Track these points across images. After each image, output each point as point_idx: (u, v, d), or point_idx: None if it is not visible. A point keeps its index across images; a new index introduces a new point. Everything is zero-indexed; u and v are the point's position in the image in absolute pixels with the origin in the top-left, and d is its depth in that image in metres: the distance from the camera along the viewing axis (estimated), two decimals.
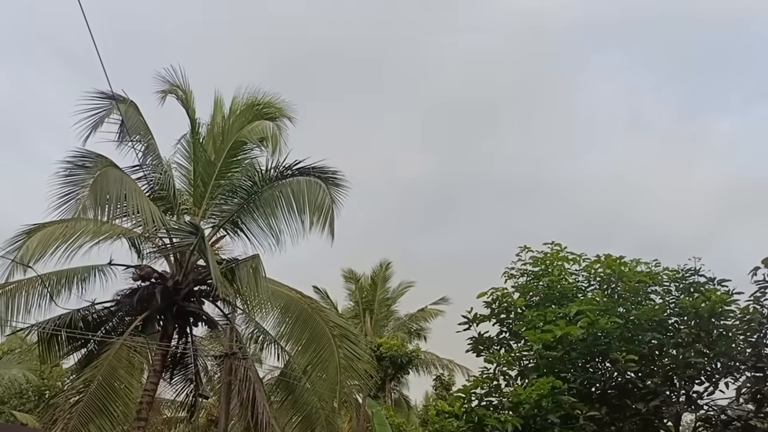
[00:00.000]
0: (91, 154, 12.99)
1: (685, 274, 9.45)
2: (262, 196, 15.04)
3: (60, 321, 13.79)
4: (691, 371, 8.38)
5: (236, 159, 15.90)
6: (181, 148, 16.21)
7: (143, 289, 14.49)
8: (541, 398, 7.96)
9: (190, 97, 15.96)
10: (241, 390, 13.94)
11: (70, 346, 14.60)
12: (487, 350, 10.02)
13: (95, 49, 7.11)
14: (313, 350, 14.89)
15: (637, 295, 9.37)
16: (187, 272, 14.64)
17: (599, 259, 10.06)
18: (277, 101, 16.76)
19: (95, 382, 12.93)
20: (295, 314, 15.21)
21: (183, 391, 16.62)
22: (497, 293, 10.15)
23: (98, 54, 7.32)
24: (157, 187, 14.98)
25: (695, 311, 8.48)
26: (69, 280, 14.26)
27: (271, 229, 15.33)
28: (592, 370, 9.08)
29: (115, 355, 13.43)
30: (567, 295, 9.80)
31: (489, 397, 9.24)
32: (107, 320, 14.79)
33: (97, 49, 7.12)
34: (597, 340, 8.64)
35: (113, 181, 12.51)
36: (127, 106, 14.34)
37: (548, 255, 10.47)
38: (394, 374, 27.69)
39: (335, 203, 14.85)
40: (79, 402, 12.79)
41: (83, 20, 6.68)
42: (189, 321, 15.39)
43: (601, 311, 8.69)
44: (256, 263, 13.51)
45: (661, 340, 8.62)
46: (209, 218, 15.51)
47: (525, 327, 9.35)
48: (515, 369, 9.47)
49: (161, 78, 15.75)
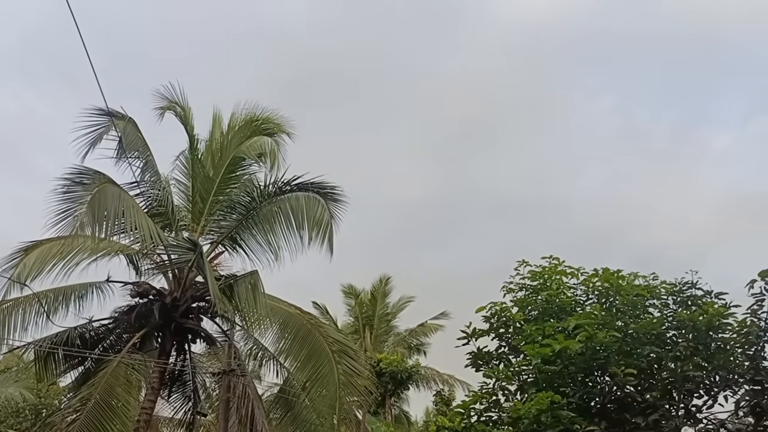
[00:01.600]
0: (89, 170, 13.04)
1: (682, 287, 9.41)
2: (260, 212, 15.08)
3: (57, 339, 13.75)
4: (689, 385, 8.33)
5: (235, 175, 15.96)
6: (179, 164, 16.29)
7: (141, 306, 14.47)
8: (540, 413, 7.90)
9: (188, 114, 16.05)
10: (240, 407, 13.85)
11: (67, 364, 14.55)
12: (486, 365, 9.96)
13: (90, 65, 7.18)
14: (312, 366, 14.84)
15: (635, 308, 9.34)
16: (186, 289, 14.63)
17: (597, 273, 10.05)
18: (276, 117, 16.86)
19: (92, 400, 12.88)
20: (294, 330, 15.18)
21: (181, 409, 16.55)
22: (496, 308, 10.11)
23: (93, 70, 7.39)
24: (156, 203, 15.02)
25: (693, 324, 8.45)
26: (66, 298, 14.25)
27: (269, 245, 15.36)
28: (591, 384, 9.02)
29: (113, 372, 13.38)
30: (565, 309, 9.76)
31: (488, 412, 9.18)
32: (105, 337, 14.76)
33: (92, 64, 7.20)
34: (596, 354, 8.60)
35: (111, 198, 12.55)
36: (126, 123, 14.42)
37: (546, 269, 10.44)
38: (394, 390, 27.56)
39: (334, 219, 14.89)
40: (76, 421, 12.74)
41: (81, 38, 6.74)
42: (187, 338, 15.35)
43: (599, 325, 8.66)
44: (254, 279, 13.51)
45: (659, 353, 8.58)
46: (208, 234, 15.53)
47: (524, 341, 9.31)
48: (514, 384, 9.41)
49: (160, 95, 15.87)
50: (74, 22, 6.44)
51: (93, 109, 13.63)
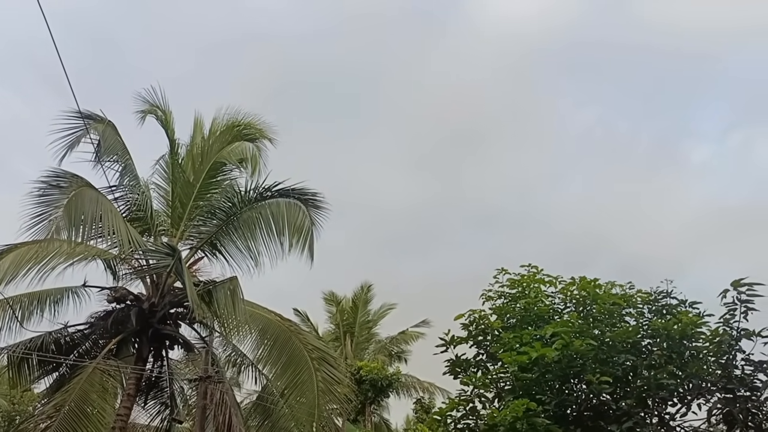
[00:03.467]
0: (66, 174, 12.88)
1: (657, 296, 9.53)
2: (241, 218, 15.00)
3: (31, 344, 13.54)
4: (663, 392, 8.41)
5: (215, 180, 15.87)
6: (159, 168, 16.17)
7: (118, 312, 14.30)
8: (516, 420, 7.93)
9: (169, 118, 15.95)
10: (217, 414, 13.72)
11: (42, 370, 14.33)
12: (464, 372, 9.99)
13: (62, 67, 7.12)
14: (292, 373, 14.75)
15: (612, 317, 9.43)
16: (164, 294, 14.49)
17: (575, 282, 10.13)
18: (258, 122, 16.82)
19: (66, 406, 12.69)
20: (273, 337, 15.08)
21: (158, 416, 16.34)
22: (474, 315, 10.15)
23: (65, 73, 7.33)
24: (134, 207, 14.89)
25: (667, 333, 8.55)
26: (41, 302, 14.04)
27: (249, 251, 15.27)
28: (567, 392, 9.08)
29: (88, 379, 13.19)
30: (543, 317, 9.82)
31: (466, 419, 9.20)
32: (80, 343, 14.55)
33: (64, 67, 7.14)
34: (572, 362, 8.66)
35: (88, 202, 12.40)
36: (105, 126, 14.27)
37: (525, 277, 10.50)
38: (374, 398, 27.46)
39: (315, 225, 14.85)
40: (49, 428, 12.51)
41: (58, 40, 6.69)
42: (165, 344, 15.20)
43: (576, 333, 8.72)
44: (234, 285, 13.41)
45: (634, 361, 8.65)
46: (187, 240, 15.40)
47: (501, 349, 9.34)
48: (492, 391, 9.44)
49: (141, 98, 15.77)
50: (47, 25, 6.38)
51: (71, 111, 13.46)
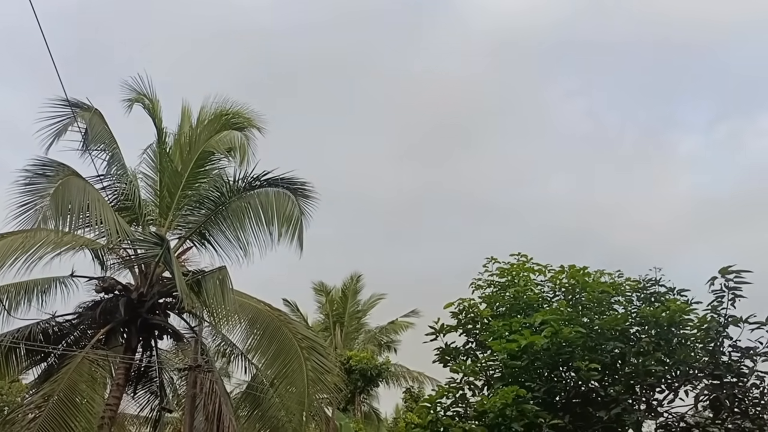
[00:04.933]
0: (53, 162, 12.74)
1: (646, 284, 9.63)
2: (229, 207, 14.93)
3: (19, 334, 13.43)
4: (651, 379, 8.51)
5: (204, 169, 15.75)
6: (147, 157, 16.02)
7: (106, 302, 14.22)
8: (505, 407, 7.99)
9: (156, 106, 15.79)
10: (207, 403, 13.70)
11: (30, 360, 14.22)
12: (454, 360, 10.04)
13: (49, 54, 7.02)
14: (281, 363, 14.74)
15: (601, 305, 9.51)
16: (152, 284, 14.42)
17: (564, 270, 10.20)
18: (246, 111, 16.68)
19: (55, 396, 12.60)
20: (262, 327, 15.05)
21: (147, 406, 16.32)
22: (464, 304, 10.20)
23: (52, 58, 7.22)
24: (122, 197, 14.77)
25: (655, 320, 8.64)
26: (28, 292, 13.91)
27: (238, 241, 15.21)
28: (556, 379, 9.16)
29: (77, 369, 13.11)
30: (532, 306, 9.89)
31: (455, 406, 9.25)
32: (69, 333, 14.44)
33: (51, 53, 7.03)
34: (561, 350, 8.73)
35: (76, 191, 12.28)
36: (92, 115, 14.12)
37: (514, 266, 10.56)
38: (363, 387, 27.56)
39: (304, 215, 14.81)
40: (38, 417, 12.44)
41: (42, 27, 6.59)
42: (154, 334, 15.14)
43: (565, 321, 8.79)
44: (223, 275, 13.36)
45: (623, 349, 8.74)
46: (175, 229, 15.31)
47: (491, 337, 9.39)
48: (481, 379, 9.50)
49: (128, 86, 15.60)
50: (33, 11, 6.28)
51: (57, 99, 13.32)
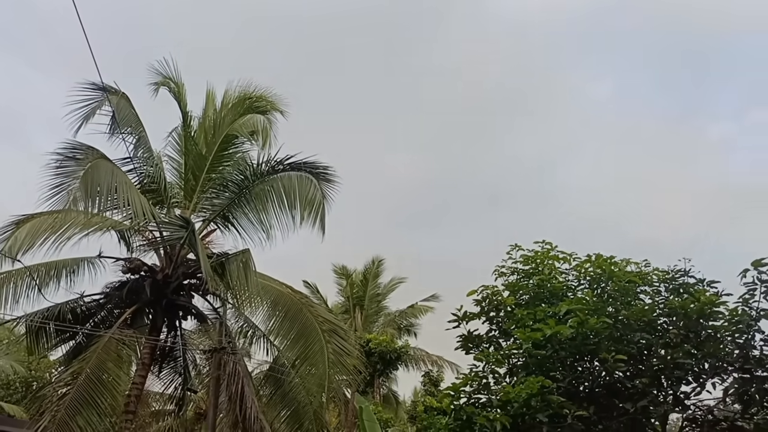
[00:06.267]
0: (82, 146, 12.89)
1: (674, 275, 9.48)
2: (253, 191, 14.99)
3: (48, 313, 13.71)
4: (678, 372, 8.41)
5: (227, 153, 15.81)
6: (172, 140, 16.11)
7: (132, 282, 14.43)
8: (531, 397, 7.97)
9: (182, 90, 15.85)
10: (230, 384, 13.90)
11: (59, 338, 14.53)
12: (477, 348, 10.03)
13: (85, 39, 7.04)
14: (302, 345, 14.88)
15: (627, 295, 9.39)
16: (177, 266, 14.59)
17: (590, 259, 10.08)
18: (269, 95, 16.66)
19: (83, 374, 12.86)
20: (284, 309, 15.18)
21: (171, 385, 16.59)
22: (487, 291, 10.15)
23: (88, 44, 7.25)
24: (148, 179, 14.90)
25: (684, 312, 8.51)
26: (58, 272, 14.17)
27: (261, 224, 15.29)
28: (581, 370, 9.10)
29: (104, 347, 13.36)
30: (557, 294, 9.81)
31: (478, 394, 9.26)
32: (96, 313, 14.71)
33: (87, 38, 7.06)
34: (586, 340, 8.66)
35: (104, 173, 12.42)
36: (119, 98, 14.22)
37: (539, 254, 10.47)
38: (383, 370, 27.68)
39: (326, 199, 14.82)
40: (67, 394, 12.73)
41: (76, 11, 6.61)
42: (178, 314, 15.35)
43: (590, 311, 8.71)
44: (246, 257, 13.47)
45: (649, 340, 8.65)
46: (200, 212, 15.44)
47: (514, 325, 9.36)
48: (504, 367, 9.48)
49: (154, 70, 15.67)
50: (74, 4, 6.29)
51: (86, 83, 13.43)
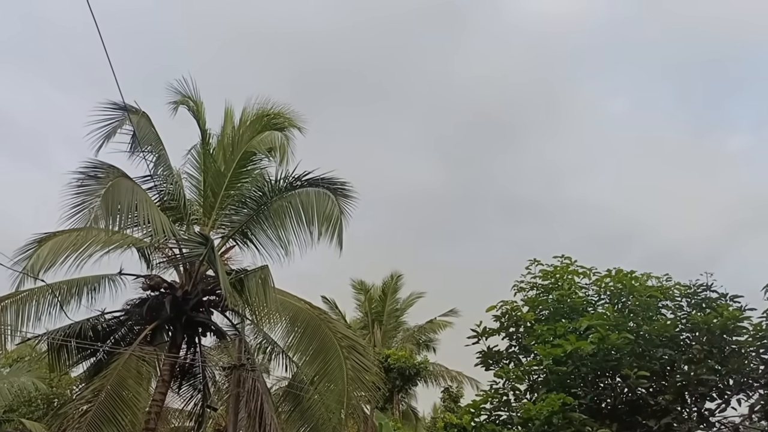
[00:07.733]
0: (103, 164, 13.11)
1: (696, 289, 9.35)
2: (271, 207, 15.10)
3: (70, 330, 13.83)
4: (702, 388, 8.27)
5: (246, 170, 15.95)
6: (191, 158, 16.28)
7: (152, 299, 14.53)
8: (552, 414, 7.88)
9: (201, 108, 16.06)
10: (249, 401, 13.90)
11: (80, 355, 14.64)
12: (497, 364, 9.95)
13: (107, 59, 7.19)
14: (321, 361, 14.85)
15: (648, 310, 9.28)
16: (197, 282, 14.68)
17: (610, 273, 9.99)
18: (287, 111, 16.80)
19: (104, 391, 12.95)
20: (303, 325, 15.19)
21: (191, 401, 16.63)
22: (506, 307, 10.09)
23: (110, 63, 7.40)
24: (168, 197, 15.06)
25: (707, 327, 8.39)
26: (79, 289, 14.32)
27: (280, 240, 15.36)
28: (603, 386, 8.99)
29: (124, 364, 13.45)
30: (577, 310, 9.72)
31: (498, 411, 9.17)
32: (116, 330, 14.83)
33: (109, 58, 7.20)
34: (608, 356, 8.56)
35: (124, 192, 12.60)
36: (140, 117, 14.44)
37: (558, 268, 10.39)
38: (402, 386, 27.55)
39: (344, 214, 14.88)
40: (88, 411, 12.81)
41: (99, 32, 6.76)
42: (198, 331, 15.40)
43: (611, 326, 8.62)
44: (265, 274, 13.52)
45: (672, 356, 8.53)
46: (219, 229, 15.56)
47: (534, 341, 9.28)
48: (525, 384, 9.39)
49: (173, 89, 15.88)
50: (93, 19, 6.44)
51: (107, 103, 13.68)
